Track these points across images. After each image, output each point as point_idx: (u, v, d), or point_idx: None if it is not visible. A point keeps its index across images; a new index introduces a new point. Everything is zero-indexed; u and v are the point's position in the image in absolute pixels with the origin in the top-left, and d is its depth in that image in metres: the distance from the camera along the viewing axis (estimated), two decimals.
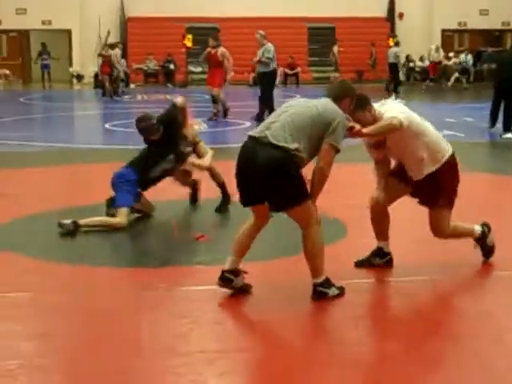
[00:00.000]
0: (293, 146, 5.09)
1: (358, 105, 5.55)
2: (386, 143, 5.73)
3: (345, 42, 33.83)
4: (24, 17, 33.99)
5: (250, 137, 5.29)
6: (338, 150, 5.21)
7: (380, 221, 6.02)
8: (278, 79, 33.41)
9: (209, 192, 8.33)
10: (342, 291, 5.41)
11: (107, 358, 4.47)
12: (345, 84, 5.64)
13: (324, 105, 5.32)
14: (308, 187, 5.24)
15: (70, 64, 35.44)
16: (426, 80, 32.94)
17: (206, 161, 8.09)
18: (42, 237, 7.27)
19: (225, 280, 5.37)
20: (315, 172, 5.23)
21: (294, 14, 35.00)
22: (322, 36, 36.26)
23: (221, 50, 17.89)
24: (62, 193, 9.48)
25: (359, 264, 6.09)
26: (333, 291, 5.36)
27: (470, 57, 34.22)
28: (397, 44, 28.12)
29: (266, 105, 16.87)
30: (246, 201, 5.37)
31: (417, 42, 34.70)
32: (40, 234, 7.35)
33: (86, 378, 4.18)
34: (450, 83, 31.56)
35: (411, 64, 33.84)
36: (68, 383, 4.18)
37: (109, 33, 29.35)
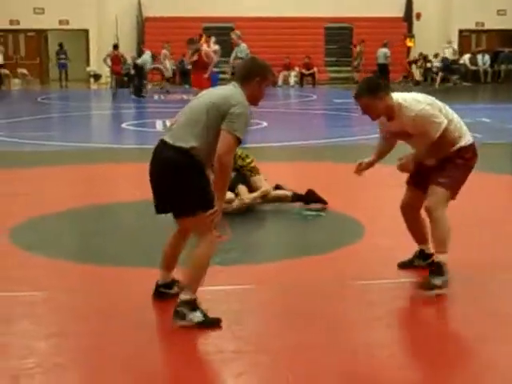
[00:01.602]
0: (189, 144, 4.82)
1: (367, 89, 5.39)
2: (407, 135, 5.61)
3: (360, 41, 33.74)
4: (42, 16, 34.11)
5: (160, 140, 5.05)
6: (238, 139, 4.82)
7: (413, 225, 5.93)
8: (294, 79, 33.54)
9: None
10: (212, 322, 4.91)
11: (123, 357, 4.47)
12: (252, 62, 5.16)
13: (218, 94, 4.99)
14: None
15: (87, 64, 35.55)
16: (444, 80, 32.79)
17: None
18: (58, 236, 7.29)
19: (157, 294, 5.33)
20: (215, 162, 4.83)
21: (311, 13, 34.94)
22: (339, 36, 36.21)
23: (204, 50, 17.80)
24: (79, 192, 9.50)
25: (402, 266, 6.03)
26: (193, 316, 4.88)
27: (487, 57, 34.10)
28: (385, 45, 28.03)
29: None
30: (156, 209, 5.10)
31: (434, 43, 34.55)
32: (56, 234, 7.38)
33: (102, 377, 4.18)
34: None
35: (428, 64, 33.70)
36: (84, 382, 4.19)
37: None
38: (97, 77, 34.38)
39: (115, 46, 28.37)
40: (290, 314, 5.16)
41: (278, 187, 8.27)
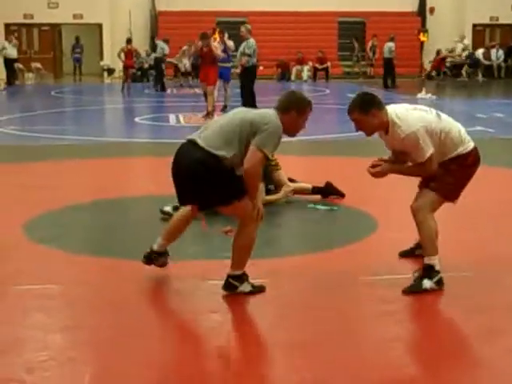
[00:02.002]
0: (219, 153, 5.14)
1: (358, 105, 5.39)
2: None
3: (373, 35, 33.66)
4: (56, 11, 34.18)
5: (187, 140, 5.39)
6: (265, 156, 5.19)
7: None
8: (308, 74, 33.49)
9: None
10: (257, 290, 5.41)
11: (136, 350, 4.49)
12: (293, 96, 5.47)
13: (257, 113, 5.36)
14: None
15: (101, 58, 35.61)
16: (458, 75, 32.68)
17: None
18: (73, 230, 7.34)
19: (147, 257, 5.70)
20: (243, 174, 5.20)
21: (325, 8, 34.90)
22: (352, 31, 36.14)
23: (212, 45, 17.76)
24: (93, 186, 9.53)
25: (403, 254, 6.11)
26: (244, 287, 5.38)
27: (501, 52, 33.96)
28: (392, 39, 27.93)
29: (247, 101, 16.68)
30: (180, 201, 5.52)
31: (447, 37, 34.43)
32: (70, 227, 7.42)
33: (116, 370, 4.20)
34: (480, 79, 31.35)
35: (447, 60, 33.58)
36: (98, 375, 4.20)
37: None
38: (110, 71, 34.43)
39: (128, 41, 28.42)
40: (304, 308, 5.18)
41: (290, 181, 8.30)
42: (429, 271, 5.45)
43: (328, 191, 8.31)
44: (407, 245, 6.18)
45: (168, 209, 7.30)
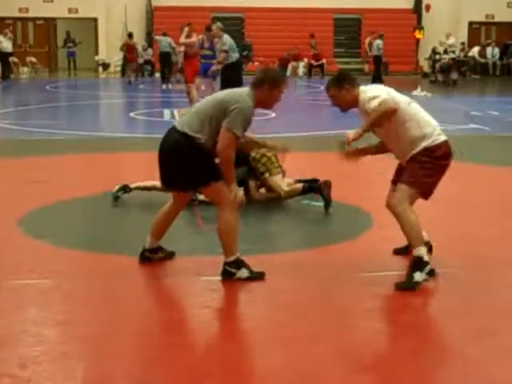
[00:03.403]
0: (194, 130, 5.38)
1: (333, 82, 5.71)
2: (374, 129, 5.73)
3: (370, 33, 33.66)
4: (51, 5, 34.09)
5: (172, 126, 5.63)
6: (236, 136, 5.36)
7: None
8: (303, 70, 33.48)
9: None
10: (257, 276, 5.52)
11: (130, 346, 4.49)
12: (266, 71, 5.79)
13: (227, 93, 5.60)
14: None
15: (96, 52, 35.54)
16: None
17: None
18: (67, 225, 7.32)
19: (142, 257, 5.85)
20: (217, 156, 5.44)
21: (320, 4, 34.90)
22: (348, 27, 36.14)
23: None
24: (88, 181, 9.52)
25: (397, 251, 6.17)
26: (241, 273, 5.49)
27: (496, 50, 33.99)
28: (380, 37, 28.00)
29: None
30: (164, 184, 5.70)
31: (443, 35, 34.40)
32: (65, 222, 7.40)
33: (109, 366, 4.20)
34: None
35: (437, 57, 33.58)
36: (91, 370, 4.20)
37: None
38: (105, 66, 34.37)
39: (130, 35, 28.89)
40: (301, 303, 5.18)
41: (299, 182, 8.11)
42: (418, 263, 5.48)
43: (316, 189, 7.94)
44: (402, 242, 6.18)
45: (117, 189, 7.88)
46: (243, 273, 5.49)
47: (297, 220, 7.58)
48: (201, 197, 7.30)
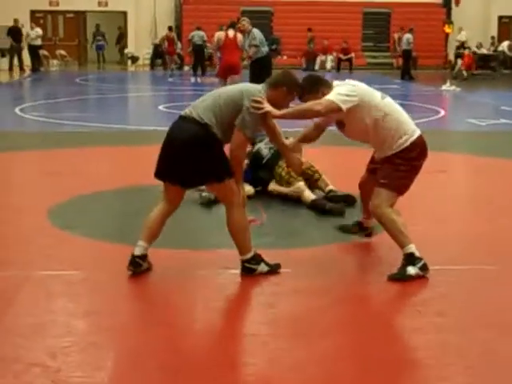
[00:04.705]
0: (211, 124, 5.25)
1: (306, 89, 5.62)
2: (345, 125, 5.73)
3: (400, 28, 33.52)
4: None
5: (179, 116, 5.53)
6: (246, 136, 5.29)
7: (364, 200, 6.23)
8: (331, 64, 33.40)
9: None
10: (275, 268, 5.53)
11: (157, 337, 4.53)
12: (285, 74, 5.62)
13: (240, 89, 5.42)
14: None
15: (125, 45, 35.68)
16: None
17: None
18: (97, 216, 7.38)
19: (135, 264, 5.49)
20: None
21: None
22: (377, 21, 36.01)
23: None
24: (116, 173, 9.59)
25: (340, 229, 6.59)
26: (262, 267, 5.47)
27: None
28: (410, 31, 27.87)
29: None
30: (161, 172, 5.54)
31: (473, 29, 34.19)
32: (94, 214, 7.47)
33: (138, 356, 4.23)
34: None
35: (467, 51, 33.34)
36: (120, 361, 4.24)
37: None
38: (134, 59, 34.52)
39: (170, 28, 29.43)
40: (323, 298, 5.19)
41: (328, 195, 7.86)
42: (410, 258, 5.49)
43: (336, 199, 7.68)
44: (424, 237, 6.17)
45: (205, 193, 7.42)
46: (263, 267, 5.48)
47: (318, 215, 7.46)
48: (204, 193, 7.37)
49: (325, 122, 5.96)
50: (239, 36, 16.90)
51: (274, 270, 5.52)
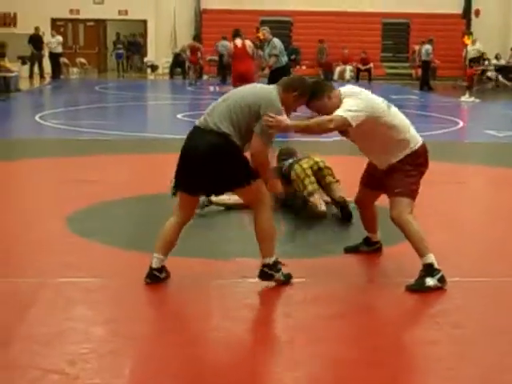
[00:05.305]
0: (229, 131, 5.23)
1: (312, 94, 5.59)
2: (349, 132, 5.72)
3: (419, 39, 33.46)
4: (101, 6, 34.44)
5: (195, 126, 5.48)
6: (264, 141, 5.27)
7: (364, 216, 6.27)
8: (350, 74, 33.39)
9: None
10: (288, 278, 5.52)
11: (176, 345, 4.55)
12: (299, 79, 5.68)
13: (255, 93, 5.39)
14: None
15: (145, 54, 35.84)
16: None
17: None
18: (116, 224, 7.42)
19: (153, 277, 5.50)
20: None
21: (369, 8, 34.82)
22: (396, 32, 36.00)
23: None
24: (135, 181, 9.63)
25: (348, 250, 6.40)
26: (279, 276, 5.47)
27: None
28: (429, 42, 27.82)
29: None
30: (183, 185, 5.51)
31: (493, 40, 34.09)
32: (114, 221, 7.50)
33: (156, 364, 4.25)
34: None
35: (486, 63, 33.25)
36: (138, 368, 4.26)
37: None
38: (154, 67, 34.66)
39: (195, 38, 29.71)
40: (339, 307, 5.21)
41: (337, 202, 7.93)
42: (428, 270, 5.48)
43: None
44: (444, 247, 6.18)
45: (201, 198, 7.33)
46: (280, 276, 5.48)
47: (333, 223, 7.48)
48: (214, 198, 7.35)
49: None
50: (248, 43, 16.86)
51: (287, 281, 5.53)
